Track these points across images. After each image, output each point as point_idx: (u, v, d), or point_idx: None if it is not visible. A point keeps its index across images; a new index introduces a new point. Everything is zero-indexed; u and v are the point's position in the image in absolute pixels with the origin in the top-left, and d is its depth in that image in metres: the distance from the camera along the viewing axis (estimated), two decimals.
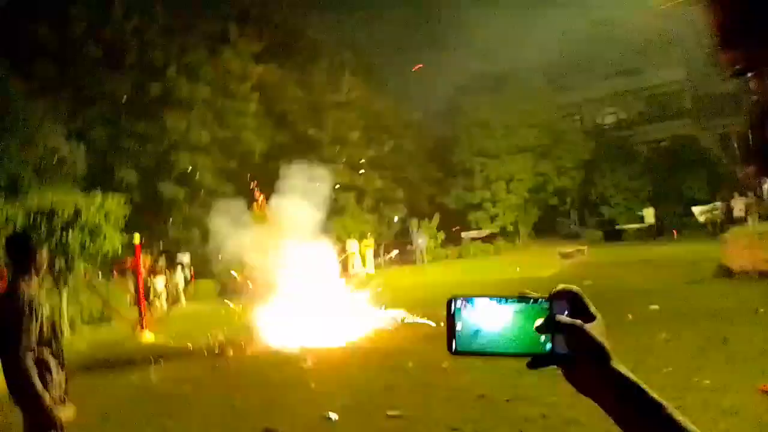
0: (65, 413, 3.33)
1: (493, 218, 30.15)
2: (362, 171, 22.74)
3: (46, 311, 3.36)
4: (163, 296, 16.93)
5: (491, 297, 0.83)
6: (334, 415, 5.71)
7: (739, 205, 23.59)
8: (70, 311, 13.01)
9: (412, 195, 26.42)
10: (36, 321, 3.21)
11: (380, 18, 34.84)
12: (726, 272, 12.05)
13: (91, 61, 16.88)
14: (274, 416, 5.84)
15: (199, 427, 6.01)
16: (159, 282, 16.84)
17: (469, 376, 6.80)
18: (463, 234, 29.33)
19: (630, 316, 8.97)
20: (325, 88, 24.17)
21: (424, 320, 10.18)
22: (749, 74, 0.62)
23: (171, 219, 17.62)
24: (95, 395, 7.41)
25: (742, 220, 21.27)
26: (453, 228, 27.18)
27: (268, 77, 17.60)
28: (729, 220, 22.73)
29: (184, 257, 19.77)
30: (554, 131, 30.48)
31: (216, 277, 18.62)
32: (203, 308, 16.53)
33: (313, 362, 8.34)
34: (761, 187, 31.25)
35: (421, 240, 25.24)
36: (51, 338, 3.37)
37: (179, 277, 18.10)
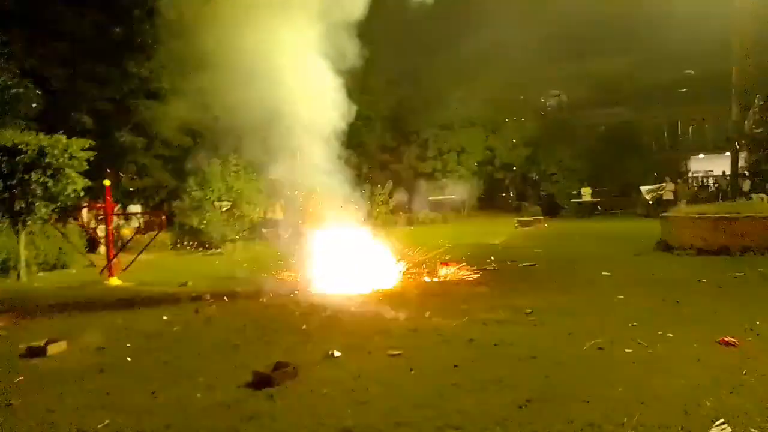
0: None
1: (442, 189, 30.97)
2: None
3: None
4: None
5: None
6: (337, 353, 6.09)
7: (669, 189, 25.37)
8: (25, 256, 12.64)
9: (367, 161, 26.70)
10: None
11: None
12: (666, 247, 13.15)
13: None
14: (275, 354, 6.03)
15: (202, 361, 6.15)
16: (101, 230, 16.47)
17: (453, 325, 7.31)
18: (431, 198, 30.13)
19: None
20: None
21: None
22: None
23: (126, 167, 17.15)
24: (82, 332, 7.42)
25: (672, 203, 22.90)
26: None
27: None
28: (660, 202, 24.47)
29: (136, 207, 19.39)
30: (505, 108, 31.39)
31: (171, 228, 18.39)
32: (159, 258, 16.39)
33: (299, 309, 8.60)
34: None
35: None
36: None
37: (133, 226, 17.77)
